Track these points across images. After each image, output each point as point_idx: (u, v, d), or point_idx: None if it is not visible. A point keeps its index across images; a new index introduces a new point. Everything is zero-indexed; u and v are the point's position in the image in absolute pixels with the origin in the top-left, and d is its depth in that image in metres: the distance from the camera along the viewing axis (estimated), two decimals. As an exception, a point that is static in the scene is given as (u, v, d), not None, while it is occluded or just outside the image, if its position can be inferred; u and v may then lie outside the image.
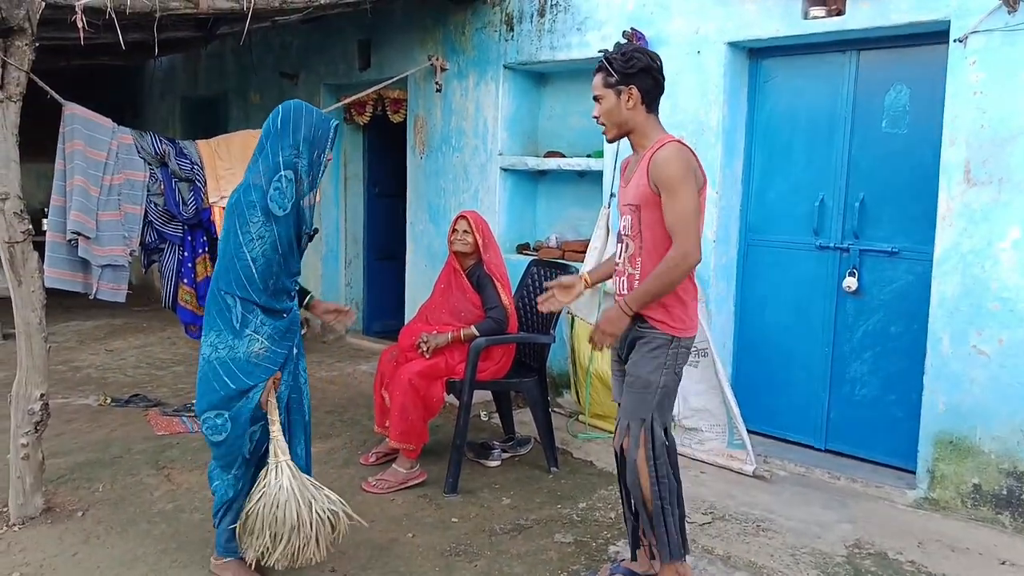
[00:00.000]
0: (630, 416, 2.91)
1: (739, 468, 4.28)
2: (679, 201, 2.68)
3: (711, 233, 4.54)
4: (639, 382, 2.86)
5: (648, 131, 2.85)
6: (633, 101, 2.79)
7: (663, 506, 2.87)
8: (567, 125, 5.70)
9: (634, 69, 2.76)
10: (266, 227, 2.85)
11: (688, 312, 2.88)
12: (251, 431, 3.00)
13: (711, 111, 4.49)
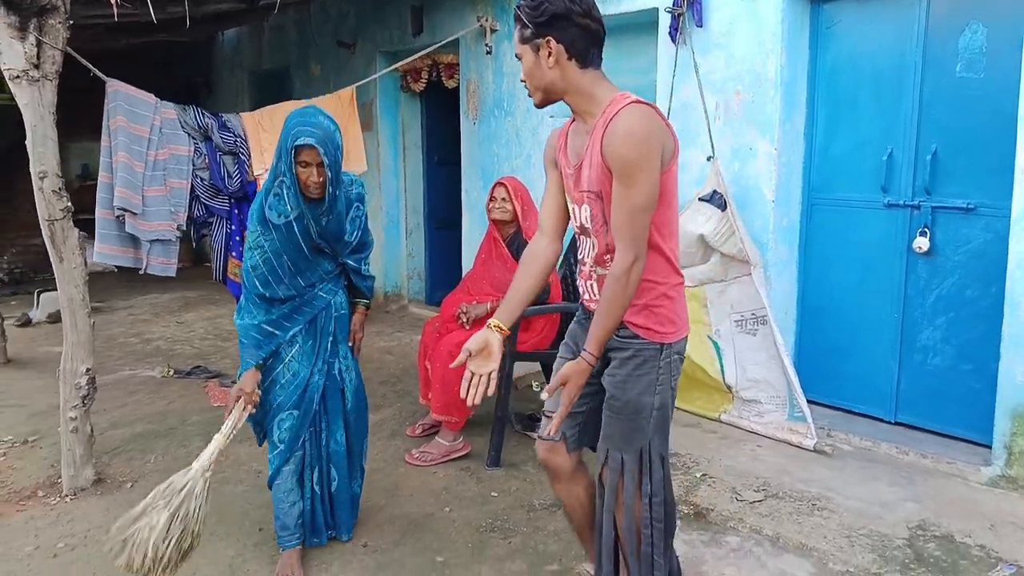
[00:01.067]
0: (620, 446, 2.33)
1: (799, 442, 4.04)
2: (635, 193, 2.06)
3: (770, 193, 4.26)
4: (629, 407, 2.30)
5: (590, 92, 2.23)
6: (555, 56, 2.18)
7: (653, 555, 2.39)
8: (621, 83, 5.38)
9: (545, 16, 2.15)
10: (264, 236, 2.79)
11: (677, 309, 2.31)
12: (277, 417, 2.96)
13: (768, 61, 4.18)
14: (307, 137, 2.64)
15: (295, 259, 2.84)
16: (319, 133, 2.66)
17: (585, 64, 2.22)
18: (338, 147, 2.72)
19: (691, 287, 4.44)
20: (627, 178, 2.07)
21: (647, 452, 2.33)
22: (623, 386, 2.29)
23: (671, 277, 2.28)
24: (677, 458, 3.96)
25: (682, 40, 4.51)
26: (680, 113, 4.59)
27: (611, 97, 2.18)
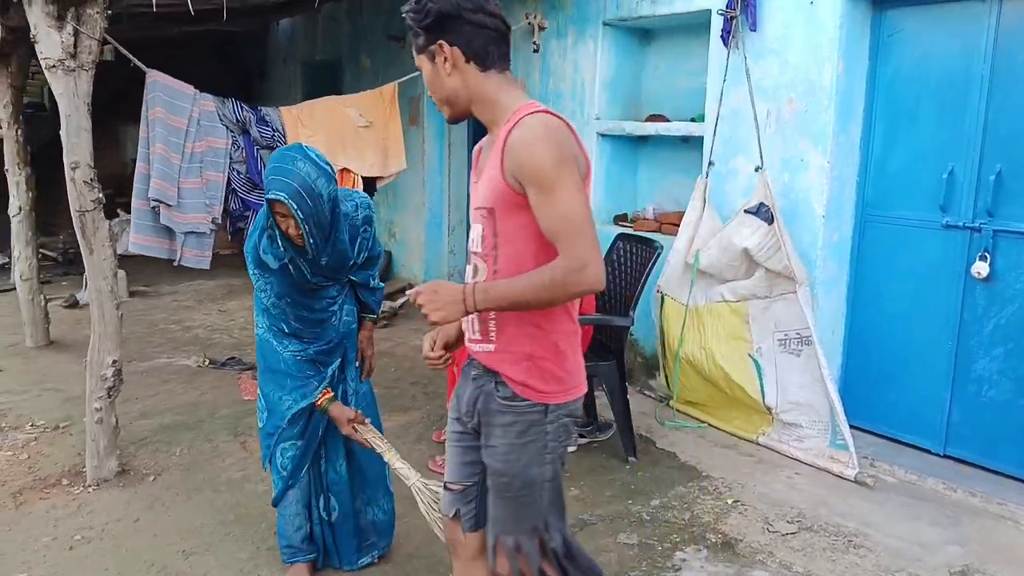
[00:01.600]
0: (512, 529, 2.02)
1: (839, 471, 3.84)
2: (560, 199, 1.78)
3: (820, 208, 4.06)
4: (516, 482, 1.98)
5: (494, 99, 1.94)
6: (451, 61, 1.91)
7: None
8: (673, 86, 5.27)
9: (431, 17, 1.89)
10: (264, 279, 2.67)
11: (567, 365, 1.97)
12: (280, 445, 2.86)
13: (824, 69, 3.98)
14: (277, 191, 2.43)
15: (297, 298, 2.70)
16: (292, 186, 2.42)
17: (485, 66, 1.93)
18: (319, 197, 2.47)
19: (733, 302, 4.27)
20: (543, 187, 1.79)
21: (544, 532, 2.02)
22: (507, 458, 1.98)
23: (563, 323, 1.96)
24: (709, 481, 3.80)
25: (734, 44, 4.32)
26: (729, 120, 4.41)
27: (517, 105, 1.90)
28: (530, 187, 1.81)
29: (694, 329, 4.41)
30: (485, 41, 1.92)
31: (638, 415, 4.50)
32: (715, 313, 4.34)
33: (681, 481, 3.81)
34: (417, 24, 1.92)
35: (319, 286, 2.73)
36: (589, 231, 1.80)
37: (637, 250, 4.18)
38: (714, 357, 4.31)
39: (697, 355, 4.39)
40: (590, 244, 1.79)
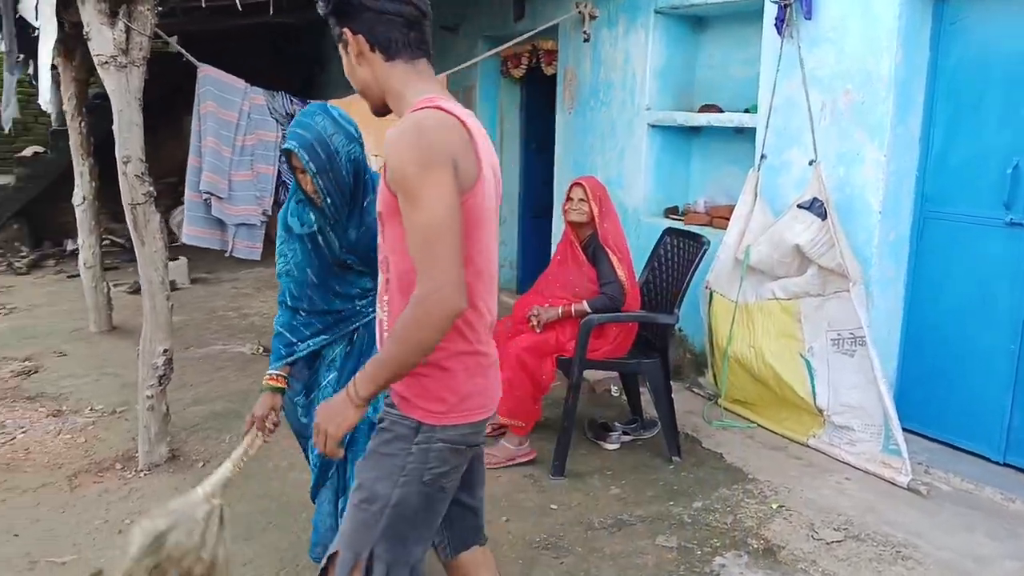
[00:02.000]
0: (342, 544, 1.84)
1: (891, 477, 3.71)
2: (419, 210, 1.61)
3: (876, 204, 3.91)
4: (360, 492, 1.83)
5: (399, 92, 1.80)
6: (356, 50, 1.79)
7: None
8: (728, 75, 5.14)
9: (331, 4, 1.79)
10: (288, 244, 2.54)
11: (456, 385, 1.79)
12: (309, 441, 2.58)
13: (881, 59, 3.82)
14: (290, 140, 2.35)
15: (321, 275, 2.53)
16: (305, 137, 2.34)
17: (391, 56, 1.78)
18: (334, 153, 2.35)
19: (784, 300, 4.16)
20: (407, 194, 1.63)
21: (365, 560, 1.79)
22: (364, 463, 1.85)
23: (455, 342, 1.76)
24: (754, 484, 3.72)
25: (788, 33, 4.18)
26: (782, 111, 4.28)
27: (417, 100, 1.73)
28: (398, 193, 1.66)
29: (743, 326, 4.31)
30: (388, 28, 1.77)
31: (685, 413, 4.43)
32: (765, 311, 4.23)
33: (725, 483, 3.74)
34: (322, 11, 1.82)
35: (350, 268, 2.53)
36: (444, 249, 1.60)
37: (684, 245, 4.09)
38: (764, 356, 4.21)
39: (746, 353, 4.29)
40: (446, 263, 1.60)
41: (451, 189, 1.62)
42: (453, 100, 1.78)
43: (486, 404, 1.86)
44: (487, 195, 1.74)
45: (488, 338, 1.85)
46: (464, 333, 1.78)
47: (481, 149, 1.73)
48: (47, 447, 4.02)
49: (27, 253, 8.53)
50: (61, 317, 6.41)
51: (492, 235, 1.80)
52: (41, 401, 4.62)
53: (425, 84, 1.80)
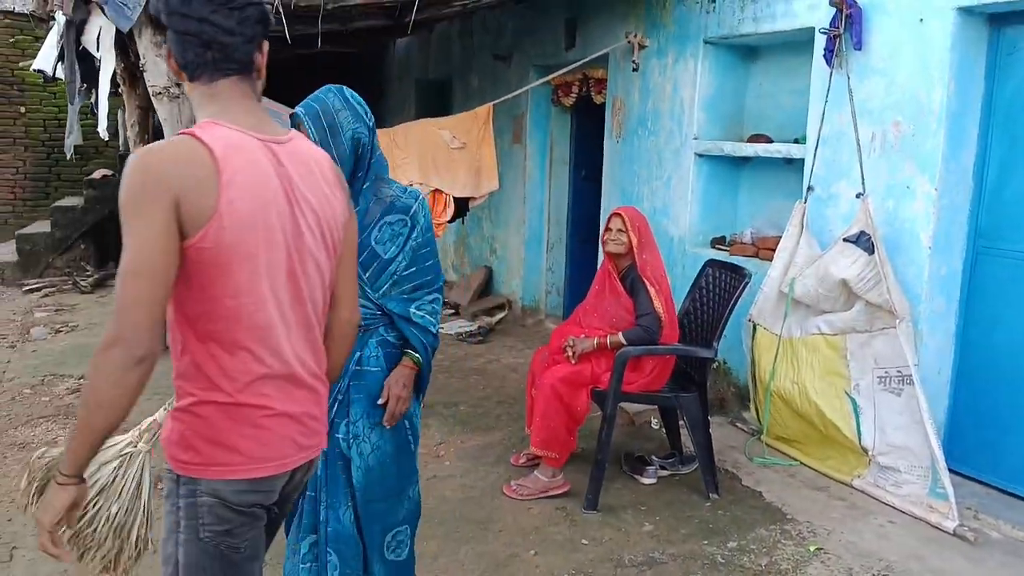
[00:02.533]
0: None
1: (937, 522, 3.56)
2: (124, 251, 1.50)
3: (927, 239, 3.80)
4: (160, 554, 1.72)
5: (197, 116, 1.71)
6: (173, 70, 1.70)
7: None
8: (777, 105, 5.07)
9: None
10: None
11: (210, 433, 1.62)
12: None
13: (933, 91, 3.72)
14: (298, 108, 2.31)
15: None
16: (313, 106, 2.30)
17: (192, 77, 1.67)
18: (337, 127, 2.28)
19: (830, 335, 4.05)
20: (123, 231, 1.51)
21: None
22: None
23: (205, 390, 1.61)
24: (793, 525, 3.61)
25: (838, 64, 4.11)
26: (831, 142, 4.20)
27: (197, 124, 1.65)
28: None
29: (787, 362, 4.21)
30: (184, 49, 1.65)
31: (727, 448, 4.34)
32: (810, 346, 4.13)
33: (763, 523, 3.64)
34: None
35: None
36: (130, 294, 1.47)
37: (726, 277, 4.03)
38: (808, 392, 4.10)
39: (789, 389, 4.19)
40: (127, 310, 1.47)
41: (158, 231, 1.49)
42: (239, 125, 1.64)
43: (261, 461, 1.66)
44: (240, 229, 1.57)
45: (269, 389, 1.66)
46: (216, 381, 1.61)
47: (230, 184, 1.55)
48: (95, 463, 4.14)
49: (92, 272, 8.85)
50: (120, 335, 6.62)
51: (260, 275, 1.61)
52: (93, 418, 4.76)
53: (216, 106, 1.66)
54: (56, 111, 9.98)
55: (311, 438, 1.77)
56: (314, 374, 1.76)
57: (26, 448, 4.29)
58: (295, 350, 1.70)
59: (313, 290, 1.73)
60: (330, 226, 1.75)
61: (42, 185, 10.10)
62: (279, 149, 1.67)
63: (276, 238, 1.63)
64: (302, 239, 1.69)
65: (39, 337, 6.54)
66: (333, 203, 1.76)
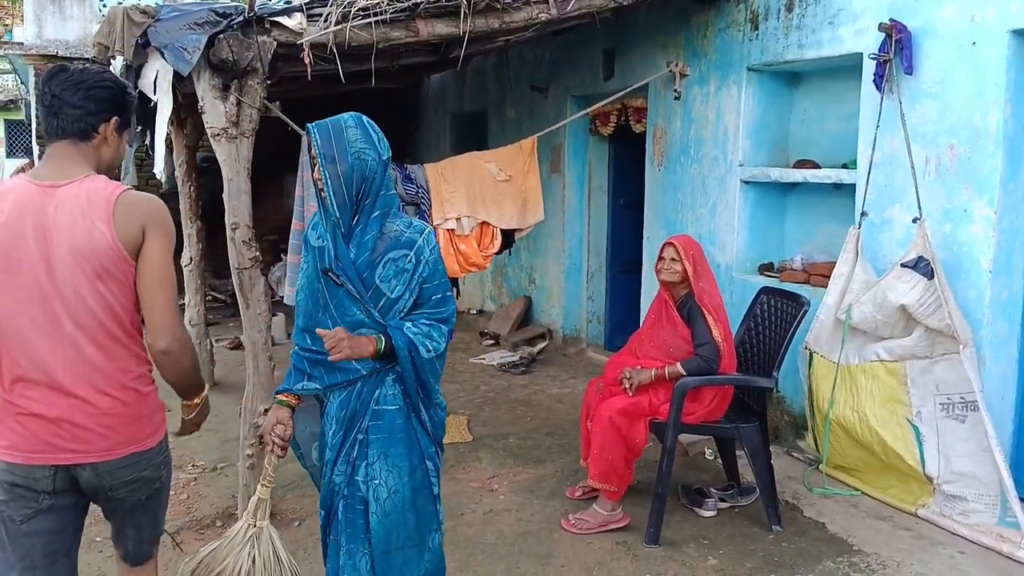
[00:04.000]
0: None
1: (1009, 552, 3.48)
2: None
3: (987, 262, 3.75)
4: None
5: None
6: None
7: None
8: (823, 130, 5.06)
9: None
10: (305, 256, 2.46)
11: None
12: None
13: (989, 114, 3.69)
14: (310, 125, 2.35)
15: (320, 293, 2.41)
16: (325, 125, 2.33)
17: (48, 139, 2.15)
18: (345, 144, 2.29)
19: (890, 362, 3.99)
20: None
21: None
22: None
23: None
24: (860, 557, 3.54)
25: (888, 88, 4.09)
26: (883, 168, 4.18)
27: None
28: None
29: (846, 390, 4.16)
30: (43, 117, 2.14)
31: (784, 479, 4.28)
32: (869, 373, 4.08)
33: (830, 555, 3.57)
34: None
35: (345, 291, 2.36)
36: None
37: (782, 305, 3.99)
38: (868, 421, 4.04)
39: (849, 418, 4.12)
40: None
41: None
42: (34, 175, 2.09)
43: (11, 449, 2.06)
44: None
45: (26, 391, 2.04)
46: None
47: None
48: (153, 501, 4.16)
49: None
50: (166, 371, 6.67)
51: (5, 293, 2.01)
52: (148, 455, 4.80)
53: (38, 167, 2.15)
54: (98, 151, 10.16)
55: (73, 443, 2.06)
56: (88, 388, 2.05)
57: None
58: (59, 362, 2.03)
59: (76, 313, 2.02)
60: (88, 257, 2.01)
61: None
62: (52, 191, 2.03)
63: (17, 266, 2.00)
64: (50, 266, 2.00)
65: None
66: (94, 236, 2.01)
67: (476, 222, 4.76)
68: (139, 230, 2.05)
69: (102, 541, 3.64)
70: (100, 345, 2.05)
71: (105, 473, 2.11)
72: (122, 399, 2.10)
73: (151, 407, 2.19)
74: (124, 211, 2.03)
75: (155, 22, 3.79)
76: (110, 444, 2.09)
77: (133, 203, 2.06)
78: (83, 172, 2.07)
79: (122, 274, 2.04)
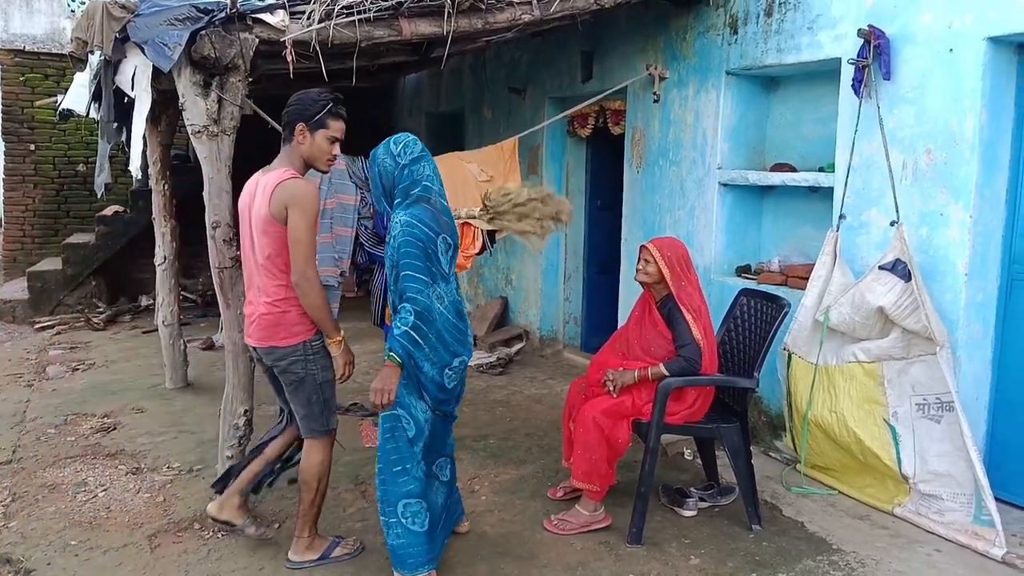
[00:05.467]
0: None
1: (984, 550, 3.55)
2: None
3: (963, 265, 3.82)
4: None
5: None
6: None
7: None
8: (799, 134, 5.12)
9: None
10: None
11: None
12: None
13: (966, 119, 3.76)
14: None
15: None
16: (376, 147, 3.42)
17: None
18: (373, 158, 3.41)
19: (867, 363, 4.05)
20: None
21: None
22: None
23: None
24: (840, 556, 3.59)
25: (866, 93, 4.15)
26: (861, 171, 4.24)
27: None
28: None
29: (824, 390, 4.21)
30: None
31: (762, 479, 4.31)
32: (847, 374, 4.13)
33: (809, 554, 3.61)
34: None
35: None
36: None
37: (762, 307, 4.03)
38: (846, 421, 4.09)
39: (827, 418, 4.18)
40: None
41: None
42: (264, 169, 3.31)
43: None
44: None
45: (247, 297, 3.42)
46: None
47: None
48: (127, 505, 4.09)
49: (104, 309, 8.82)
50: (138, 373, 6.58)
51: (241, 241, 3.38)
52: (121, 458, 4.71)
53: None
54: (65, 148, 9.99)
55: (247, 328, 3.37)
56: (250, 302, 3.34)
57: (57, 490, 4.25)
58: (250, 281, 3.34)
59: (254, 253, 3.25)
60: (256, 220, 3.18)
61: (52, 222, 10.06)
62: (261, 177, 3.25)
63: (244, 220, 3.30)
64: (249, 223, 3.24)
65: (56, 376, 6.49)
66: (261, 208, 3.15)
67: (459, 222, 4.74)
68: (283, 207, 3.08)
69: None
70: (259, 275, 3.24)
71: (262, 353, 3.31)
72: (267, 310, 3.23)
73: (287, 319, 3.22)
74: (279, 193, 3.09)
75: (135, 17, 3.74)
76: (260, 336, 3.26)
77: (285, 188, 3.09)
78: (280, 167, 3.21)
79: (274, 233, 3.12)
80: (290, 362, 3.25)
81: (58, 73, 9.83)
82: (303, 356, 3.25)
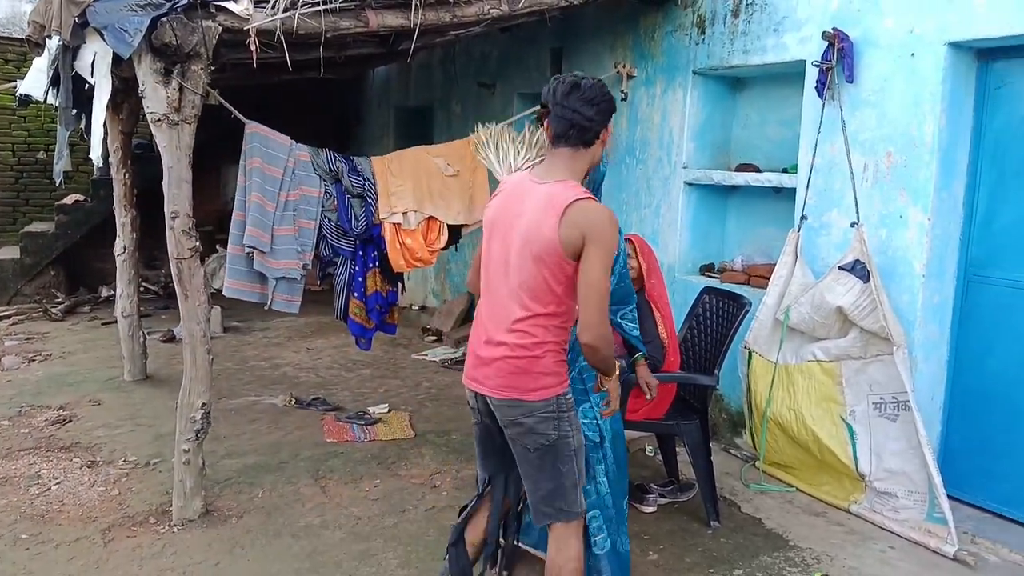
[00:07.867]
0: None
1: (937, 547, 3.61)
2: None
3: (920, 267, 3.88)
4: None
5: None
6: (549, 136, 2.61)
7: None
8: (764, 135, 5.16)
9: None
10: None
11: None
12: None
13: (925, 123, 3.82)
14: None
15: None
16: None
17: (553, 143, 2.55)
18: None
19: (825, 362, 4.10)
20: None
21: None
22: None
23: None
24: (796, 552, 3.63)
25: (830, 96, 4.20)
26: (823, 173, 4.28)
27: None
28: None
29: (783, 388, 4.26)
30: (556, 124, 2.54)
31: (722, 475, 4.35)
32: (806, 372, 4.18)
33: (766, 550, 3.65)
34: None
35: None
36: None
37: (724, 305, 4.06)
38: (804, 419, 4.14)
39: (786, 416, 4.22)
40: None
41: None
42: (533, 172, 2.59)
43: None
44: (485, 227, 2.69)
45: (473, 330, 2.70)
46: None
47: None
48: (81, 499, 4.02)
49: (63, 299, 8.65)
50: (95, 365, 6.46)
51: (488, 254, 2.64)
52: (75, 451, 4.63)
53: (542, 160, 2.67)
54: (25, 135, 9.78)
55: (475, 371, 2.61)
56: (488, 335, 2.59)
57: (9, 483, 4.16)
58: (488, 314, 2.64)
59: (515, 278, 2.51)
60: (531, 242, 2.45)
61: (10, 210, 9.84)
62: (535, 187, 2.49)
63: (498, 232, 2.59)
64: (510, 240, 2.52)
65: (12, 367, 6.36)
66: (543, 229, 2.41)
67: (423, 217, 4.71)
68: (578, 235, 2.36)
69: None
70: (516, 302, 2.50)
71: (497, 406, 2.56)
72: (517, 353, 2.51)
73: (540, 367, 2.50)
74: (572, 216, 2.37)
75: (95, 2, 3.65)
76: (499, 384, 2.53)
77: (581, 211, 2.37)
78: (562, 176, 2.48)
79: (555, 264, 2.42)
80: (538, 420, 2.49)
81: (19, 58, 9.60)
82: (555, 414, 2.51)
